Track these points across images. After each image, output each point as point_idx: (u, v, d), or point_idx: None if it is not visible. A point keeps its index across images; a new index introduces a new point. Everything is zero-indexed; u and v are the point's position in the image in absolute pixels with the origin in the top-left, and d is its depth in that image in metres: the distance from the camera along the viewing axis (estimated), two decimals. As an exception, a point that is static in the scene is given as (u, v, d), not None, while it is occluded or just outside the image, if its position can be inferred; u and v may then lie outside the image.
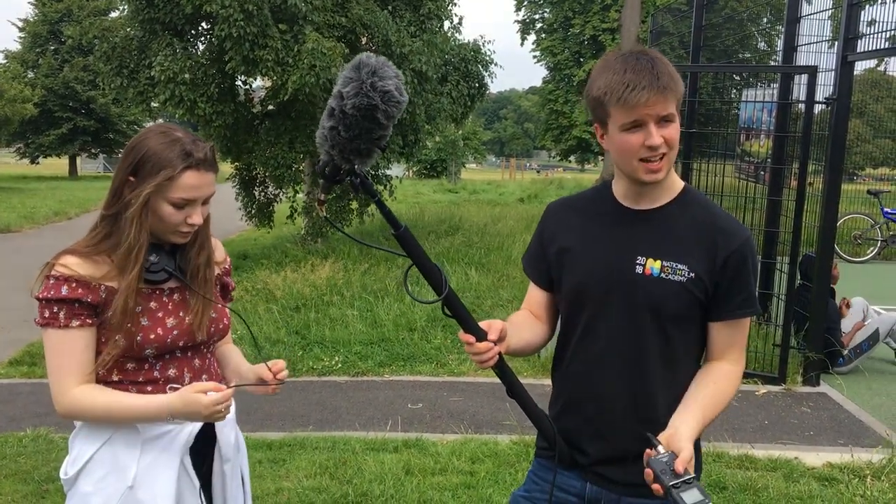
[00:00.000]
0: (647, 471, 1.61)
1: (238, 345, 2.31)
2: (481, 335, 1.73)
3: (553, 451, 1.92)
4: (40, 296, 1.86)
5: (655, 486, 1.58)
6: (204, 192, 1.91)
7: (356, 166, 1.61)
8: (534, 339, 1.99)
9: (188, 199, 1.88)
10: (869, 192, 13.98)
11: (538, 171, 56.09)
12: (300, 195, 11.80)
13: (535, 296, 2.04)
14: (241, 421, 2.19)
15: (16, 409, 5.52)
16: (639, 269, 1.81)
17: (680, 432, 1.69)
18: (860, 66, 5.97)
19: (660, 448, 1.63)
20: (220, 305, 2.08)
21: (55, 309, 1.84)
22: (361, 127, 1.53)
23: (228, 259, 2.21)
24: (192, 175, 1.87)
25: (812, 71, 6.04)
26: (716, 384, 1.82)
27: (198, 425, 1.97)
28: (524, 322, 2.00)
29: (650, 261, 1.80)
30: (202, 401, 1.83)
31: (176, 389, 1.92)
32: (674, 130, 1.74)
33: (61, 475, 1.97)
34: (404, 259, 1.75)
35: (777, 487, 4.26)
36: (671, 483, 1.56)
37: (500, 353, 1.77)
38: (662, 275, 1.79)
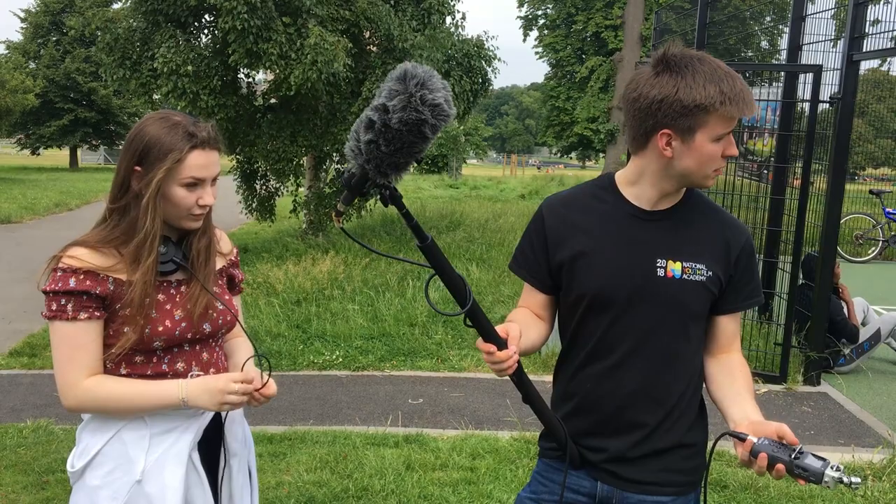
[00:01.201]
0: (762, 455, 1.60)
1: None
2: (502, 344, 1.70)
3: (561, 451, 1.91)
4: (47, 288, 1.85)
5: (778, 467, 1.59)
6: (212, 171, 1.91)
7: (391, 181, 1.53)
8: (538, 339, 1.98)
9: (198, 178, 1.88)
10: (871, 191, 13.99)
11: (539, 168, 56.03)
12: (302, 189, 11.78)
13: (536, 298, 2.00)
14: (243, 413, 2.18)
15: (16, 400, 5.52)
16: (660, 272, 1.81)
17: (757, 419, 1.73)
18: (862, 66, 5.95)
19: (751, 438, 1.64)
20: (226, 297, 2.07)
21: (63, 301, 1.83)
22: (404, 141, 1.44)
23: (236, 250, 2.20)
24: (199, 154, 1.87)
25: (817, 70, 6.03)
26: (743, 373, 1.89)
27: (206, 420, 1.97)
28: (528, 322, 1.98)
29: (670, 262, 1.82)
30: (220, 383, 1.85)
31: (198, 376, 1.93)
32: None
33: (68, 468, 1.96)
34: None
35: (778, 486, 4.26)
36: (792, 457, 1.58)
37: (518, 360, 1.75)
38: (684, 276, 1.81)
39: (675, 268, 1.81)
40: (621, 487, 1.88)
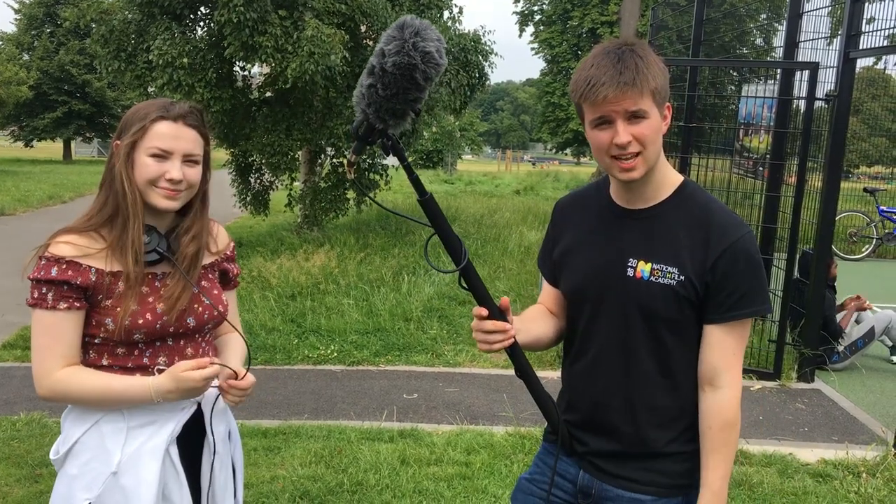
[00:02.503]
0: None
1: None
2: (494, 310, 1.72)
3: (555, 434, 1.94)
4: (31, 276, 1.86)
5: None
6: (181, 145, 1.90)
7: (390, 128, 1.61)
8: (544, 334, 1.97)
9: (164, 149, 1.88)
10: (865, 189, 14.03)
11: (533, 164, 56.02)
12: (297, 183, 11.75)
13: (547, 292, 2.05)
14: (236, 408, 2.16)
15: (9, 393, 5.50)
16: (630, 272, 1.78)
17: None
18: (857, 64, 5.96)
19: None
20: (214, 291, 2.05)
21: (44, 290, 1.84)
22: (399, 86, 1.53)
23: (232, 245, 2.19)
24: (167, 125, 1.89)
25: (814, 67, 6.03)
26: (712, 430, 1.78)
27: (186, 415, 1.96)
28: (537, 316, 2.00)
29: (641, 263, 1.77)
30: (189, 373, 1.85)
31: (163, 371, 1.91)
32: (647, 127, 1.68)
33: (51, 455, 1.98)
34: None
35: (772, 483, 4.28)
36: None
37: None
38: (652, 278, 1.76)
39: (644, 269, 1.77)
40: (601, 479, 1.88)
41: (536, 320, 1.97)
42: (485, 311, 1.72)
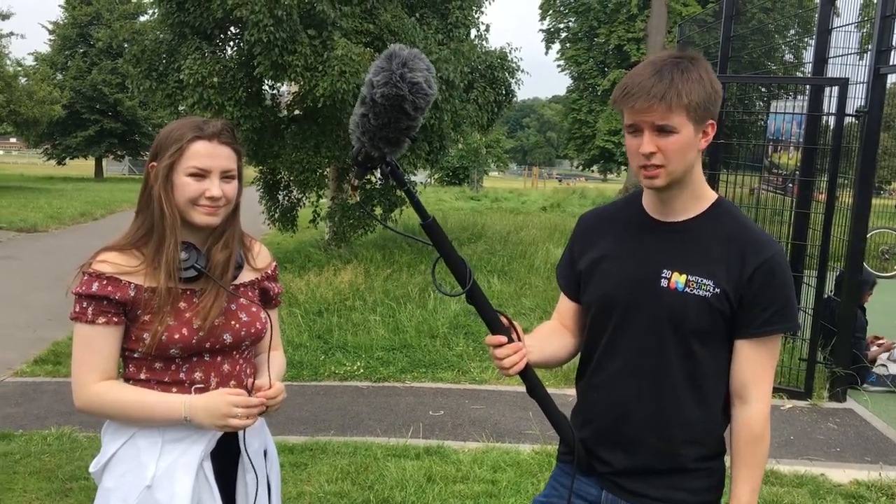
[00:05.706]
0: None
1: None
2: (502, 332, 1.75)
3: (570, 454, 1.92)
4: (74, 290, 1.91)
5: None
6: (218, 163, 1.94)
7: (387, 155, 1.63)
8: (558, 352, 1.98)
9: (202, 168, 1.92)
10: (897, 206, 13.85)
11: (560, 181, 55.93)
12: (324, 200, 11.82)
13: (565, 306, 2.05)
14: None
15: (40, 408, 5.56)
16: (663, 283, 1.79)
17: None
18: (889, 79, 5.92)
19: None
20: (252, 308, 2.07)
21: (84, 304, 1.89)
22: (390, 116, 1.56)
23: (274, 264, 2.21)
24: (203, 144, 1.92)
25: (843, 83, 5.98)
26: (742, 446, 1.82)
27: (220, 432, 1.97)
28: (550, 334, 2.00)
29: (676, 274, 1.78)
30: (221, 406, 1.87)
31: (200, 391, 1.94)
32: (673, 142, 1.70)
33: (91, 468, 2.01)
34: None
35: (803, 504, 4.21)
36: None
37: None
38: (687, 289, 1.77)
39: (679, 280, 1.78)
40: (626, 499, 1.87)
41: (550, 337, 1.98)
42: (501, 340, 1.74)
